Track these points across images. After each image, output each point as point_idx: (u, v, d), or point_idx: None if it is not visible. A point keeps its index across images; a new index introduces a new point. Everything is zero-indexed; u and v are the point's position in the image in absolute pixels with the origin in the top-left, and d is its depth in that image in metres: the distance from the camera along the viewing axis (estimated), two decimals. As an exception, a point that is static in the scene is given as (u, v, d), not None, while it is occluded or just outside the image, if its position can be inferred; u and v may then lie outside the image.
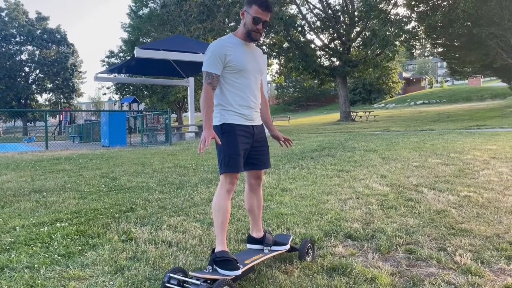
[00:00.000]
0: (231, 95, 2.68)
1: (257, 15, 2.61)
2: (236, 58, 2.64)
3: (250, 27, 2.64)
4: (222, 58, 2.63)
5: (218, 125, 2.66)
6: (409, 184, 5.17)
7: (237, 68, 2.65)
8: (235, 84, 2.68)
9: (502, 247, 3.03)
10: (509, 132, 11.61)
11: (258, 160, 2.81)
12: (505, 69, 24.96)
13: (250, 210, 2.92)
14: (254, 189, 2.90)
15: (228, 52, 2.64)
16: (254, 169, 2.84)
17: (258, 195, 2.92)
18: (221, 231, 2.62)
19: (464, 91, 53.08)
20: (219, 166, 2.71)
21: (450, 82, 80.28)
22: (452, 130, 13.71)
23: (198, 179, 5.80)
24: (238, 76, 2.68)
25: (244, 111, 2.70)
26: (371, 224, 3.62)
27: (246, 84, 2.71)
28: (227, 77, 2.67)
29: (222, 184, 2.67)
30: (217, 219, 2.62)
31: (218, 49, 2.65)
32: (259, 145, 2.80)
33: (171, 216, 4.05)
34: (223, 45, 2.66)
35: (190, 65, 19.03)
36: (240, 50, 2.68)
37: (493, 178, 5.40)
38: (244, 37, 2.70)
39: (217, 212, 2.62)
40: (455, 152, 7.79)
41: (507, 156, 7.06)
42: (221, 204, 2.62)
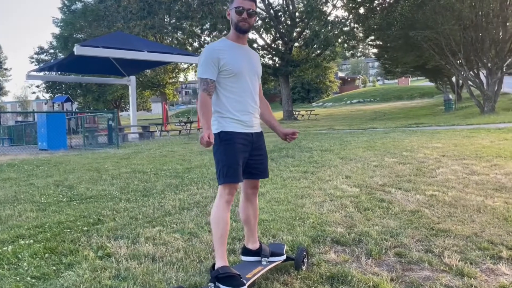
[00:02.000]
0: (228, 101, 2.55)
1: (239, 5, 2.53)
2: (230, 61, 2.52)
3: (236, 19, 2.55)
4: (216, 63, 2.49)
5: (216, 133, 2.52)
6: (375, 185, 5.28)
7: (232, 71, 2.53)
8: (231, 89, 2.56)
9: (483, 246, 3.15)
10: (448, 130, 12.32)
11: (256, 169, 2.69)
12: (436, 70, 26.57)
13: (246, 220, 2.80)
14: (250, 198, 2.79)
15: (222, 55, 2.51)
16: (252, 179, 2.72)
17: (254, 204, 2.81)
18: (221, 245, 2.49)
19: (395, 90, 56.02)
20: (217, 176, 2.57)
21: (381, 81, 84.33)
22: (394, 128, 14.33)
23: (162, 185, 5.55)
24: (234, 80, 2.55)
25: (242, 117, 2.58)
26: (354, 228, 3.63)
27: (243, 88, 2.59)
28: (222, 82, 2.54)
29: (221, 195, 2.53)
30: (216, 232, 2.48)
31: (211, 53, 2.52)
32: (257, 153, 2.69)
33: (145, 227, 3.82)
34: (215, 48, 2.53)
35: (132, 63, 18.35)
36: (234, 52, 2.56)
37: (450, 177, 5.66)
38: (235, 36, 2.59)
39: (216, 225, 2.48)
40: (406, 150, 8.11)
41: (455, 154, 7.46)
42: (220, 216, 2.48)
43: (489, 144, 8.62)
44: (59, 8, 41.12)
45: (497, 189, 4.92)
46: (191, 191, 5.13)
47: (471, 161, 6.75)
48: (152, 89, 37.88)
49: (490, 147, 8.17)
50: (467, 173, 5.83)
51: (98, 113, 16.70)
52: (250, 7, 2.54)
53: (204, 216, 4.10)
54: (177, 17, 24.35)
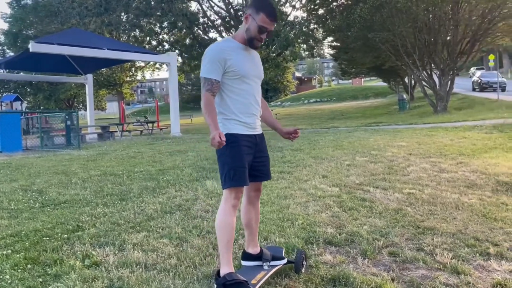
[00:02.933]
0: (233, 102, 2.49)
1: (264, 24, 2.43)
2: (237, 63, 2.46)
3: (254, 35, 2.46)
4: (222, 63, 2.42)
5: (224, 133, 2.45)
6: (353, 184, 5.36)
7: (238, 73, 2.46)
8: (236, 91, 2.49)
9: (471, 243, 3.25)
10: (408, 129, 12.75)
11: (259, 171, 2.64)
12: (390, 71, 27.50)
13: (247, 224, 2.73)
14: (253, 202, 2.73)
15: (228, 56, 2.44)
16: (256, 181, 2.67)
17: (257, 207, 2.76)
18: (228, 250, 2.42)
19: (351, 90, 57.46)
20: (222, 180, 2.49)
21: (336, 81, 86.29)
22: (356, 127, 14.66)
23: (138, 188, 5.37)
24: (239, 82, 2.49)
25: (246, 119, 2.52)
26: (343, 228, 3.65)
27: (248, 90, 2.53)
28: (227, 83, 2.47)
29: (226, 199, 2.46)
30: (222, 238, 2.41)
31: (217, 53, 2.44)
32: (261, 155, 2.64)
33: (130, 233, 3.66)
34: (222, 49, 2.46)
35: (90, 61, 17.70)
36: (241, 54, 2.50)
37: (421, 175, 5.84)
38: (244, 41, 2.52)
39: (223, 230, 2.40)
40: (374, 149, 8.30)
41: (421, 152, 7.71)
42: (227, 221, 2.41)
43: (450, 143, 8.98)
44: (7, 2, 38.99)
45: (468, 186, 5.12)
46: (170, 194, 4.99)
47: (438, 159, 7.00)
48: (108, 88, 36.77)
49: (452, 146, 8.52)
50: (437, 171, 6.03)
51: (58, 113, 15.97)
52: (272, 28, 2.48)
53: (189, 219, 4.00)
54: (135, 14, 23.75)
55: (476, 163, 6.46)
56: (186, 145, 10.52)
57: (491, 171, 5.77)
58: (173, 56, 16.45)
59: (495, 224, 3.68)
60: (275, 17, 2.46)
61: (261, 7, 2.44)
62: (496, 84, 30.38)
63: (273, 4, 2.50)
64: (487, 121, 12.76)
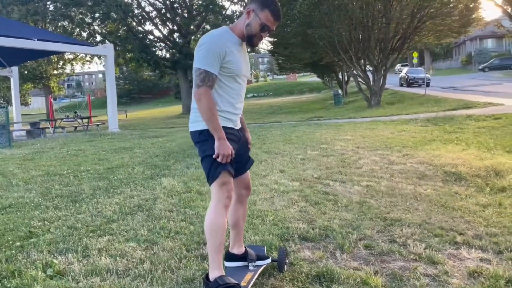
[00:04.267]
0: (221, 100, 2.34)
1: (267, 23, 2.30)
2: (235, 60, 2.30)
3: (255, 33, 2.32)
4: (221, 56, 2.25)
5: (205, 129, 2.30)
6: (311, 178, 5.39)
7: (233, 71, 2.32)
8: (227, 89, 2.35)
9: (438, 233, 3.37)
10: (348, 123, 13.15)
11: (242, 163, 2.54)
12: (326, 66, 28.32)
13: (235, 224, 2.61)
14: (243, 200, 2.62)
15: (229, 50, 2.27)
16: (243, 173, 2.55)
17: (245, 206, 2.66)
18: (218, 253, 2.29)
19: (286, 85, 58.42)
20: (209, 174, 2.32)
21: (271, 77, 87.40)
22: (299, 122, 14.89)
23: (89, 188, 5.01)
24: (231, 80, 2.35)
25: (231, 117, 2.40)
26: (314, 223, 3.64)
27: (238, 90, 2.40)
28: (219, 78, 2.31)
29: (218, 199, 2.30)
30: (214, 241, 2.27)
31: (219, 45, 2.25)
32: (242, 148, 2.53)
33: (91, 237, 3.39)
34: (224, 41, 2.28)
35: (16, 53, 16.34)
36: (238, 51, 2.35)
37: (374, 167, 6.01)
38: (242, 36, 2.36)
39: (214, 232, 2.26)
40: (322, 143, 8.44)
41: (367, 146, 7.96)
42: (218, 222, 2.26)
43: (392, 136, 9.37)
44: None
45: (420, 177, 5.34)
46: (126, 194, 4.72)
47: (385, 151, 7.26)
48: (33, 82, 34.40)
49: (394, 138, 8.89)
50: (387, 163, 6.24)
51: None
52: (274, 28, 2.35)
53: (154, 220, 3.79)
54: (64, 4, 22.32)
55: (421, 155, 6.77)
56: (129, 141, 10.08)
57: (437, 162, 6.06)
58: (110, 48, 15.68)
59: (454, 213, 3.86)
60: (280, 16, 2.34)
61: (267, 4, 2.29)
62: (421, 80, 32.43)
63: (278, 3, 2.35)
64: (420, 114, 13.49)
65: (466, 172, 5.39)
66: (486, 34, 53.97)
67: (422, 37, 22.33)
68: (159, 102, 57.60)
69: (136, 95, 62.43)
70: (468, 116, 11.50)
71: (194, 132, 2.35)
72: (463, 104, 14.84)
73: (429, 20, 19.76)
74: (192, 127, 2.37)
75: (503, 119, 10.56)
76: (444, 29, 21.00)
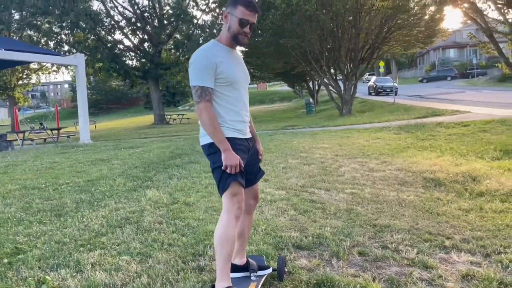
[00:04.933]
0: (224, 110, 2.36)
1: (244, 17, 2.34)
2: (227, 69, 2.34)
3: (237, 30, 2.36)
4: (213, 69, 2.29)
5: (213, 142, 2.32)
6: (296, 186, 5.44)
7: (228, 80, 2.34)
8: (226, 98, 2.37)
9: (427, 238, 3.47)
10: (323, 131, 13.34)
11: (253, 174, 2.56)
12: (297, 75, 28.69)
13: (240, 234, 2.61)
14: (250, 210, 2.65)
15: (219, 61, 2.31)
16: (253, 184, 2.57)
17: (251, 216, 2.70)
18: (226, 264, 2.29)
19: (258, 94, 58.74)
20: (220, 185, 2.35)
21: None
22: (274, 131, 14.98)
23: (72, 201, 4.88)
24: (229, 88, 2.37)
25: (239, 126, 2.42)
26: (306, 231, 3.68)
27: (238, 97, 2.42)
28: (217, 90, 2.34)
29: (229, 210, 2.31)
30: (223, 252, 2.26)
31: (208, 59, 2.30)
32: (253, 159, 2.55)
33: (81, 251, 3.31)
34: (213, 54, 2.32)
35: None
36: (229, 59, 2.38)
37: (355, 174, 6.12)
38: (229, 42, 2.40)
39: (224, 244, 2.26)
40: (301, 151, 8.53)
41: (345, 153, 8.10)
42: (229, 234, 2.27)
43: (367, 143, 9.56)
44: None
45: (401, 184, 5.48)
46: (111, 207, 4.62)
47: (363, 159, 7.40)
48: (-3, 93, 33.24)
49: (370, 146, 9.08)
50: (367, 171, 6.37)
51: None
52: (254, 20, 2.38)
53: (144, 233, 3.73)
54: (31, 13, 21.72)
55: (399, 161, 6.95)
56: (104, 153, 9.87)
57: (415, 169, 6.23)
58: (80, 58, 15.37)
59: (439, 218, 3.98)
60: (255, 7, 2.38)
61: (238, 0, 2.35)
62: (389, 88, 33.33)
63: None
64: (392, 122, 13.83)
65: (444, 178, 5.56)
66: (448, 44, 56.10)
67: (390, 47, 23.00)
68: (128, 112, 56.78)
69: (104, 105, 61.35)
70: (438, 123, 11.88)
71: (204, 146, 2.40)
72: (431, 112, 15.30)
73: (397, 30, 20.39)
74: (203, 141, 2.41)
75: (471, 126, 10.96)
76: (411, 39, 21.71)
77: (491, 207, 4.22)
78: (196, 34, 24.34)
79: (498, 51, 5.67)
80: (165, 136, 15.82)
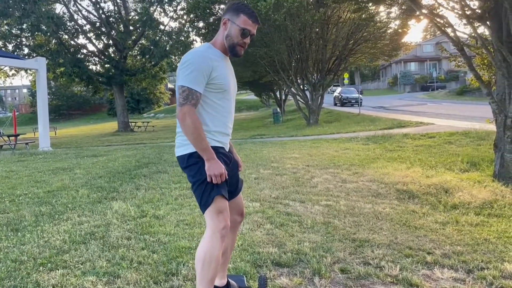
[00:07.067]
0: (211, 119, 2.19)
1: (247, 27, 2.19)
2: (222, 76, 2.17)
3: (236, 40, 2.20)
4: (207, 74, 2.12)
5: (195, 151, 2.12)
6: (270, 198, 5.28)
7: (222, 87, 2.18)
8: (216, 106, 2.20)
9: (407, 253, 3.38)
10: (292, 140, 13.30)
11: (233, 186, 2.37)
12: (265, 85, 28.71)
13: (223, 252, 2.41)
14: (235, 227, 2.48)
15: (215, 65, 2.15)
16: (235, 197, 2.39)
17: (235, 233, 2.51)
18: (210, 286, 2.09)
19: (224, 102, 58.51)
20: (201, 202, 2.15)
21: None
22: (243, 140, 14.82)
23: (30, 214, 4.52)
24: (221, 97, 2.20)
25: (221, 138, 2.24)
26: (285, 246, 3.52)
27: (228, 107, 2.26)
28: (207, 96, 2.17)
29: (214, 228, 2.12)
30: (207, 274, 2.07)
31: (205, 61, 2.12)
32: (233, 171, 2.37)
33: (41, 271, 3.01)
34: (208, 57, 2.15)
35: None
36: (224, 65, 2.22)
37: (328, 185, 6.03)
38: (223, 49, 2.23)
39: (207, 266, 2.06)
40: (272, 161, 8.40)
41: (316, 164, 8.03)
42: (213, 255, 2.08)
43: (337, 154, 9.56)
44: None
45: (375, 195, 5.42)
46: (74, 220, 4.30)
47: (335, 169, 7.35)
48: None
49: (340, 156, 9.07)
50: (340, 182, 6.30)
51: None
52: (254, 32, 2.23)
53: (111, 249, 3.46)
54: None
55: (370, 173, 6.93)
56: (65, 161, 9.39)
57: (387, 180, 6.21)
58: (42, 62, 14.71)
59: (418, 232, 3.91)
60: (257, 18, 2.24)
61: (241, 8, 2.20)
62: (354, 99, 33.98)
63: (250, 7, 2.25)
64: (359, 133, 13.95)
65: (416, 190, 5.56)
66: (409, 58, 57.97)
67: (356, 59, 23.40)
68: (91, 118, 55.23)
69: (65, 111, 59.38)
70: (405, 134, 12.06)
71: (182, 157, 2.18)
72: (397, 123, 15.58)
73: (363, 43, 20.78)
74: (179, 152, 2.20)
75: (437, 137, 11.19)
76: (376, 52, 22.17)
77: (467, 220, 4.21)
78: (163, 41, 23.94)
79: (468, 64, 5.74)
80: (130, 144, 15.34)
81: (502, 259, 3.20)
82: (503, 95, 5.98)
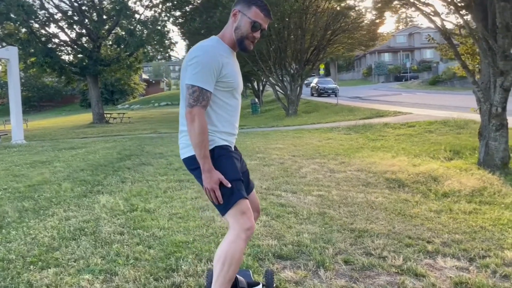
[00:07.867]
0: (219, 119, 2.07)
1: (258, 20, 2.05)
2: (232, 73, 2.05)
3: (246, 33, 2.06)
4: (217, 71, 1.98)
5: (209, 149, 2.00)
6: (262, 189, 5.20)
7: (231, 85, 2.06)
8: (224, 105, 2.07)
9: (407, 242, 3.36)
10: (274, 131, 13.24)
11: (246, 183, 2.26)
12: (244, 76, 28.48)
13: None
14: None
15: (225, 62, 2.00)
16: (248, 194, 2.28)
17: None
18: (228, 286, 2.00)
19: (200, 93, 57.94)
20: (221, 206, 2.03)
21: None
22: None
23: (13, 210, 4.30)
24: (229, 95, 2.08)
25: (229, 138, 2.13)
26: (284, 238, 3.45)
27: (236, 106, 2.14)
28: (215, 95, 2.04)
29: (239, 230, 1.98)
30: (227, 274, 1.98)
31: (215, 57, 1.98)
32: (244, 170, 2.27)
33: (32, 270, 2.85)
34: (219, 53, 2.01)
35: None
36: (232, 62, 2.09)
37: (317, 176, 6.00)
38: (233, 44, 2.10)
39: (227, 267, 1.96)
40: (257, 152, 8.32)
41: (302, 154, 7.99)
42: (236, 257, 1.97)
43: (321, 144, 9.55)
44: None
45: (365, 185, 5.41)
46: (60, 215, 4.12)
47: (321, 159, 7.33)
48: None
49: (324, 146, 9.06)
50: (328, 171, 6.28)
51: None
52: (266, 26, 2.09)
53: (104, 245, 3.31)
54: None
55: (357, 162, 6.93)
56: (43, 154, 9.06)
57: (375, 170, 6.22)
58: (13, 51, 14.14)
59: (414, 221, 3.90)
60: (270, 12, 2.10)
61: (253, 0, 2.05)
62: (330, 90, 34.18)
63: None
64: (340, 123, 14.01)
65: (405, 178, 5.58)
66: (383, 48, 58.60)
67: (334, 49, 23.48)
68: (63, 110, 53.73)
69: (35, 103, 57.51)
70: (385, 124, 12.17)
71: (189, 158, 2.06)
72: (375, 113, 15.70)
73: (341, 33, 20.84)
74: (186, 153, 2.08)
75: (416, 126, 11.32)
76: (354, 42, 22.30)
77: (460, 208, 4.23)
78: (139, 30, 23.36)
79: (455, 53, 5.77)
80: (107, 136, 14.97)
81: (501, 247, 3.21)
82: (488, 84, 6.05)
